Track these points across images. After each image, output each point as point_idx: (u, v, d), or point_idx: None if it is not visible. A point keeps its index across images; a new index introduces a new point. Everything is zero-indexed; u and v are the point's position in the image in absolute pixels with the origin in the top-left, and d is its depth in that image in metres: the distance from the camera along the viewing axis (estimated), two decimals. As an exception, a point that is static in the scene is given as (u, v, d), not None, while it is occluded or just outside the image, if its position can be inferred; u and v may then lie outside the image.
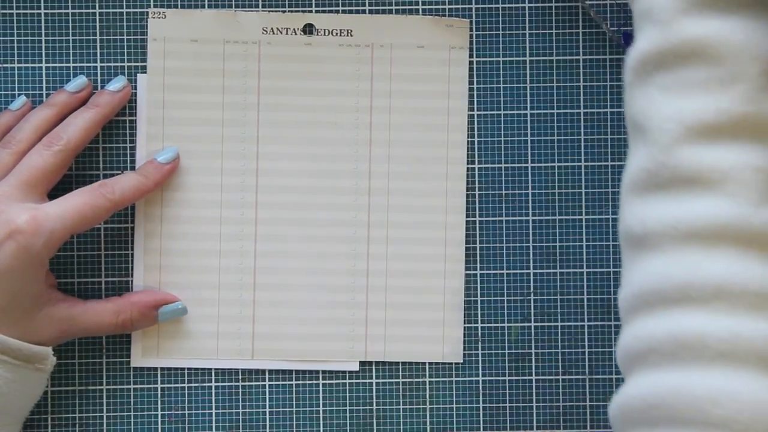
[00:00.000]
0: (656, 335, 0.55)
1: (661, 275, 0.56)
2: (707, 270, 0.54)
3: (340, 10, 0.78)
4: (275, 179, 0.78)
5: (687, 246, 0.55)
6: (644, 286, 0.56)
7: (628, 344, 0.57)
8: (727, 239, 0.54)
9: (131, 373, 0.78)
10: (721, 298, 0.54)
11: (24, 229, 0.70)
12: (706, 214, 0.55)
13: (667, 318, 0.55)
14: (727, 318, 0.54)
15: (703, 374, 0.53)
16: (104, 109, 0.76)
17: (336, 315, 0.78)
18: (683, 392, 0.53)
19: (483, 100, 0.79)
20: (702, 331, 0.54)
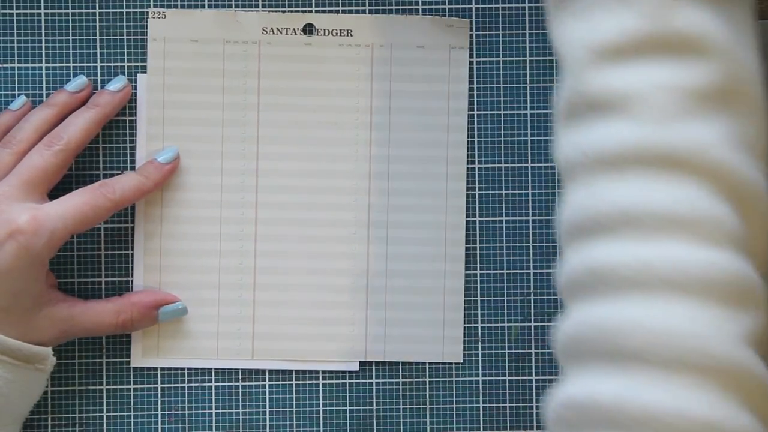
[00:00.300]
0: (577, 270, 0.54)
1: (577, 206, 0.55)
2: (614, 196, 0.53)
3: (340, 10, 0.78)
4: (275, 179, 0.78)
5: (596, 173, 0.54)
6: (566, 220, 0.56)
7: (560, 279, 0.56)
8: (631, 162, 0.53)
9: (131, 373, 0.78)
10: (629, 225, 0.53)
11: (25, 228, 0.70)
12: (611, 138, 0.54)
13: (585, 250, 0.54)
14: (635, 244, 0.53)
15: (617, 305, 0.52)
16: (104, 108, 0.76)
17: (336, 315, 0.78)
18: (600, 325, 0.52)
19: (483, 100, 0.79)
20: (612, 260, 0.53)
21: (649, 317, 0.51)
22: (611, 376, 0.52)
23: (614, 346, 0.52)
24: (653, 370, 0.51)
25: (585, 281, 0.54)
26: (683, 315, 0.51)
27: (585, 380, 0.53)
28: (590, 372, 0.53)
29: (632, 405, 0.51)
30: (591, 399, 0.52)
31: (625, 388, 0.51)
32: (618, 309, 0.52)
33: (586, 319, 0.53)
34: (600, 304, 0.53)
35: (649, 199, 0.53)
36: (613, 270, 0.53)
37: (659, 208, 0.53)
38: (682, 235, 0.52)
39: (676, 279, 0.52)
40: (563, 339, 0.55)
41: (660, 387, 0.51)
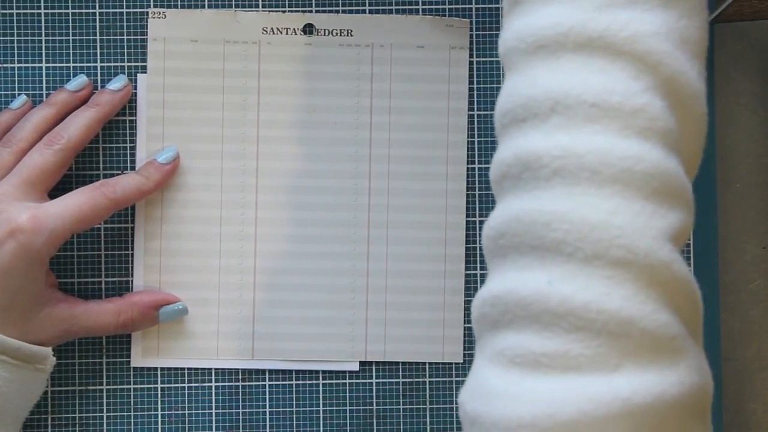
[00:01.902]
0: (506, 159, 0.53)
1: (511, 94, 0.54)
2: (547, 83, 0.52)
3: (340, 10, 0.78)
4: (275, 179, 0.78)
5: (533, 58, 0.53)
6: (500, 108, 0.54)
7: (491, 171, 0.55)
8: (567, 47, 0.52)
9: (131, 373, 0.78)
10: (558, 112, 0.51)
11: (25, 227, 0.70)
12: (549, 22, 0.52)
13: (515, 138, 0.53)
14: (562, 133, 0.51)
15: (539, 196, 0.51)
16: (105, 108, 0.76)
17: (336, 315, 0.78)
18: (523, 217, 0.51)
19: (483, 100, 0.79)
20: (539, 148, 0.51)
21: (571, 209, 0.50)
22: (532, 270, 0.51)
23: (536, 239, 0.51)
24: (573, 263, 0.50)
25: (512, 171, 0.53)
26: (605, 208, 0.50)
27: (507, 275, 0.52)
28: (512, 266, 0.52)
29: (550, 299, 0.50)
30: (511, 293, 0.51)
31: (544, 282, 0.50)
32: (541, 200, 0.51)
33: (510, 211, 0.52)
34: (525, 195, 0.52)
35: (581, 86, 0.51)
36: (538, 158, 0.51)
37: (590, 97, 0.51)
38: (611, 126, 0.51)
39: (601, 170, 0.50)
40: (489, 233, 0.54)
41: (578, 281, 0.50)
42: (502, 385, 0.50)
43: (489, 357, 0.52)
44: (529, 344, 0.50)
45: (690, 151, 0.54)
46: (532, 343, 0.50)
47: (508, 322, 0.51)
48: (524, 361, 0.50)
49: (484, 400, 0.51)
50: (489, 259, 0.54)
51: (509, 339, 0.51)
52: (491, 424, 0.50)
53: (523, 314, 0.50)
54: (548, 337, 0.50)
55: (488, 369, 0.51)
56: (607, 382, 0.49)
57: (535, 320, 0.50)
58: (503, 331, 0.51)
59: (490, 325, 0.52)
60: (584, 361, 0.49)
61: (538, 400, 0.49)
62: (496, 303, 0.52)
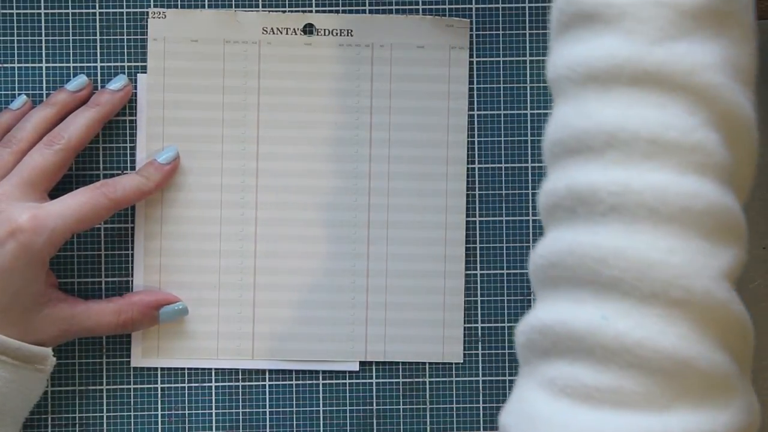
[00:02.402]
0: (558, 190, 0.53)
1: (563, 124, 0.53)
2: (601, 116, 0.51)
3: (340, 10, 0.78)
4: (275, 179, 0.78)
5: (585, 90, 0.52)
6: (551, 137, 0.54)
7: (540, 198, 0.54)
8: (621, 81, 0.51)
9: (131, 373, 0.78)
10: (614, 147, 0.51)
11: (25, 227, 0.70)
12: (602, 53, 0.52)
13: (567, 170, 0.52)
14: (619, 169, 0.51)
15: (595, 231, 0.51)
16: (105, 108, 0.76)
17: (336, 315, 0.78)
18: (577, 251, 0.51)
19: (483, 100, 0.79)
20: (595, 183, 0.51)
21: (628, 247, 0.50)
22: (586, 304, 0.51)
23: (591, 274, 0.51)
24: (629, 300, 0.50)
25: (565, 203, 0.52)
26: (663, 246, 0.50)
27: (559, 306, 0.52)
28: (564, 298, 0.52)
29: (604, 334, 0.50)
30: (563, 325, 0.51)
31: (599, 317, 0.50)
32: (597, 235, 0.51)
33: (563, 242, 0.52)
34: (579, 228, 0.52)
35: (636, 121, 0.51)
36: (594, 193, 0.51)
37: (647, 132, 0.51)
38: (669, 163, 0.51)
39: (659, 207, 0.50)
40: (539, 261, 0.53)
41: (634, 318, 0.49)
42: (549, 412, 0.50)
43: (537, 383, 0.52)
44: (580, 376, 0.50)
45: (743, 180, 0.54)
46: (584, 375, 0.50)
47: (560, 352, 0.51)
48: (575, 392, 0.50)
49: (529, 424, 0.51)
50: (537, 287, 0.54)
51: (560, 369, 0.51)
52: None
53: (575, 346, 0.50)
54: (601, 371, 0.50)
55: (536, 394, 0.51)
56: (659, 420, 0.49)
57: (588, 354, 0.50)
58: (554, 360, 0.51)
59: (540, 353, 0.52)
60: (636, 398, 0.49)
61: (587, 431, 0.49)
62: (547, 332, 0.52)
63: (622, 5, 0.52)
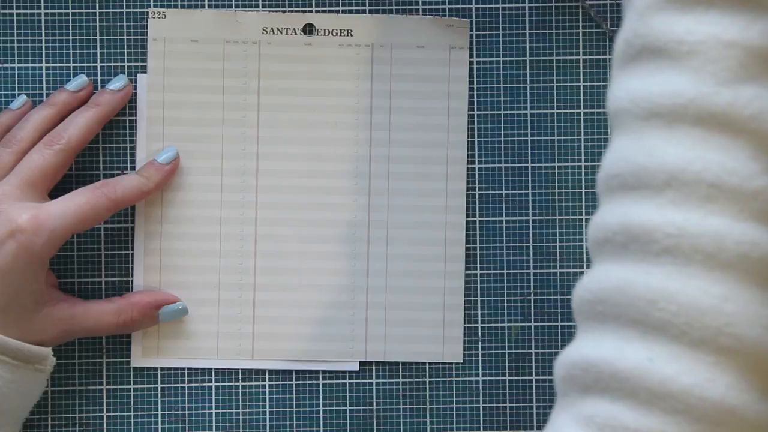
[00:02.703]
0: (611, 224, 0.52)
1: (621, 157, 0.52)
2: (662, 155, 0.50)
3: (340, 10, 0.78)
4: (275, 179, 0.78)
5: (647, 126, 0.51)
6: (607, 168, 0.53)
7: (591, 230, 0.54)
8: (686, 120, 0.50)
9: (131, 373, 0.78)
10: (674, 187, 0.50)
11: (25, 228, 0.70)
12: (668, 90, 0.51)
13: (622, 206, 0.52)
14: (676, 210, 0.50)
15: (647, 271, 0.50)
16: (105, 108, 0.76)
17: (336, 315, 0.78)
18: (626, 289, 0.50)
19: (483, 100, 0.79)
20: (650, 223, 0.50)
21: (680, 291, 0.49)
22: (632, 343, 0.50)
23: (640, 314, 0.50)
24: (678, 344, 0.49)
25: (618, 239, 0.51)
26: (717, 293, 0.49)
27: (604, 343, 0.51)
28: (610, 335, 0.51)
29: (650, 377, 0.49)
30: (607, 363, 0.50)
31: (645, 359, 0.50)
32: (649, 275, 0.50)
33: (613, 279, 0.51)
34: (631, 266, 0.51)
35: (699, 163, 0.50)
36: (649, 233, 0.50)
37: (709, 175, 0.50)
38: (729, 209, 0.50)
39: (716, 254, 0.49)
40: (585, 295, 0.53)
41: (682, 363, 0.49)
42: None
43: (575, 418, 0.51)
44: (622, 417, 0.50)
45: None
46: (626, 417, 0.50)
47: (602, 390, 0.51)
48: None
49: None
50: (581, 319, 0.53)
51: (600, 407, 0.50)
52: None
53: (618, 386, 0.50)
54: (644, 414, 0.49)
55: (573, 430, 0.51)
56: None
57: (631, 395, 0.50)
58: (594, 397, 0.51)
59: (580, 388, 0.52)
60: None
61: None
62: (590, 369, 0.51)
63: (693, 43, 0.51)
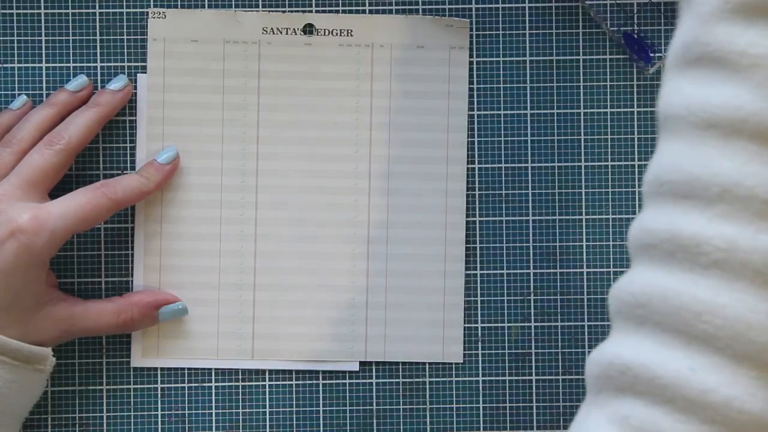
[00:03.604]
0: (659, 230, 0.52)
1: (674, 164, 0.52)
2: (717, 167, 0.50)
3: (340, 10, 0.78)
4: (275, 179, 0.78)
5: (703, 136, 0.51)
6: (658, 173, 0.53)
7: (635, 232, 0.54)
8: (744, 135, 0.50)
9: (131, 373, 0.78)
10: (726, 201, 0.50)
11: (26, 227, 0.70)
12: (727, 102, 0.50)
13: (672, 213, 0.52)
14: (727, 224, 0.50)
15: (694, 282, 0.50)
16: (105, 108, 0.76)
17: (336, 315, 0.78)
18: (671, 297, 0.51)
19: (483, 100, 0.79)
20: (700, 234, 0.50)
21: (727, 305, 0.49)
22: (673, 351, 0.50)
23: (684, 324, 0.50)
24: (721, 357, 0.49)
25: (665, 246, 0.51)
26: (763, 309, 0.49)
27: (643, 347, 0.51)
28: (650, 339, 0.51)
29: (690, 386, 0.49)
30: (645, 368, 0.51)
31: (686, 367, 0.50)
32: (696, 287, 0.50)
33: (657, 285, 0.51)
34: (677, 274, 0.51)
35: (754, 179, 0.50)
36: (699, 244, 0.50)
37: (763, 192, 0.49)
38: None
39: (765, 271, 0.49)
40: (625, 298, 0.53)
41: (724, 375, 0.49)
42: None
43: (609, 417, 0.52)
44: (658, 421, 0.50)
45: None
46: (662, 422, 0.50)
47: (639, 393, 0.51)
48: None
49: None
50: (618, 319, 0.53)
51: (636, 409, 0.51)
52: None
53: (657, 392, 0.50)
54: (681, 421, 0.50)
55: (606, 429, 0.51)
56: None
57: (669, 401, 0.50)
58: (630, 399, 0.51)
59: (615, 388, 0.52)
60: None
61: None
62: (627, 372, 0.51)
63: (756, 56, 0.50)
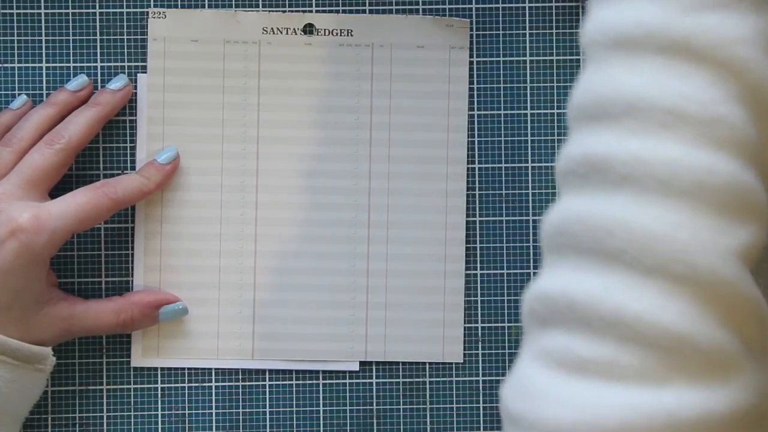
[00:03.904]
0: (574, 156, 0.52)
1: (586, 89, 0.52)
2: (621, 83, 0.50)
3: (340, 10, 0.78)
4: (275, 179, 0.78)
5: (610, 55, 0.51)
6: (575, 100, 0.53)
7: (557, 164, 0.53)
8: (648, 49, 0.50)
9: (131, 373, 0.78)
10: (632, 116, 0.50)
11: (26, 227, 0.70)
12: (632, 19, 0.50)
13: (586, 136, 0.51)
14: (634, 138, 0.50)
15: (605, 200, 0.50)
16: (105, 107, 0.76)
17: (336, 315, 0.78)
18: (585, 219, 0.50)
19: (483, 100, 0.79)
20: (609, 152, 0.50)
21: (634, 218, 0.49)
22: (588, 274, 0.50)
23: (596, 244, 0.50)
24: (632, 273, 0.49)
25: (580, 170, 0.51)
26: (670, 220, 0.49)
27: (561, 274, 0.51)
28: (568, 266, 0.51)
29: (604, 305, 0.49)
30: (564, 294, 0.50)
31: (600, 288, 0.49)
32: (606, 205, 0.50)
33: (573, 210, 0.51)
34: (590, 196, 0.51)
35: (657, 91, 0.49)
36: (608, 162, 0.50)
37: (666, 103, 0.49)
38: (686, 135, 0.49)
39: (670, 181, 0.49)
40: (548, 228, 0.52)
41: (634, 291, 0.49)
42: (545, 385, 0.50)
43: (535, 354, 0.51)
44: (577, 348, 0.49)
45: None
46: (581, 347, 0.49)
47: (558, 322, 0.50)
48: (570, 364, 0.49)
49: (525, 398, 0.50)
50: (545, 254, 0.53)
51: (557, 339, 0.50)
52: (530, 424, 0.49)
53: (573, 317, 0.50)
54: (598, 343, 0.49)
55: (533, 367, 0.51)
56: (653, 395, 0.48)
57: (585, 325, 0.49)
58: (552, 331, 0.51)
59: (539, 323, 0.51)
60: (631, 372, 0.48)
61: (581, 405, 0.48)
62: (547, 301, 0.51)
63: None
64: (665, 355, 0.48)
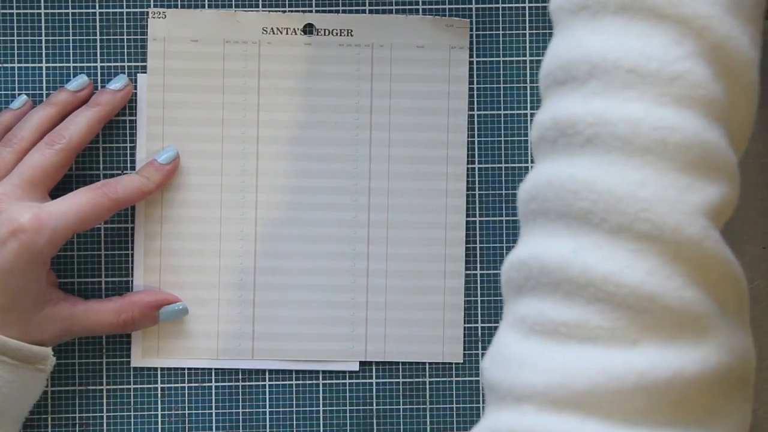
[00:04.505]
0: (545, 122, 0.52)
1: (554, 55, 0.52)
2: (585, 45, 0.50)
3: (340, 10, 0.78)
4: (275, 179, 0.78)
5: (575, 20, 0.51)
6: (543, 68, 0.53)
7: (531, 133, 0.53)
8: (609, 9, 0.50)
9: (131, 373, 0.78)
10: (596, 77, 0.50)
11: (27, 227, 0.70)
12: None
13: (554, 101, 0.51)
14: (597, 99, 0.50)
15: (572, 163, 0.50)
16: (106, 107, 0.76)
17: (336, 315, 0.78)
18: (554, 183, 0.50)
19: (483, 100, 0.79)
20: (575, 115, 0.50)
21: (600, 179, 0.49)
22: (559, 237, 0.50)
23: (565, 207, 0.50)
24: (599, 233, 0.49)
25: (549, 135, 0.51)
26: (634, 179, 0.49)
27: (533, 240, 0.51)
28: (541, 232, 0.51)
29: (573, 267, 0.49)
30: (536, 259, 0.50)
31: (569, 251, 0.49)
32: (573, 167, 0.50)
33: (542, 176, 0.51)
34: (558, 161, 0.51)
35: (619, 50, 0.50)
36: (574, 125, 0.50)
37: (628, 62, 0.49)
38: (647, 93, 0.49)
39: (633, 140, 0.49)
40: (522, 196, 0.53)
41: (603, 252, 0.49)
42: (519, 351, 0.50)
43: (510, 322, 0.51)
44: (549, 312, 0.49)
45: (738, 121, 0.52)
46: (552, 311, 0.49)
47: (531, 288, 0.50)
48: (543, 329, 0.49)
49: (502, 366, 0.50)
50: (521, 223, 0.53)
51: (531, 305, 0.50)
52: (506, 390, 0.49)
53: (545, 281, 0.50)
54: (568, 306, 0.49)
55: (509, 335, 0.51)
56: (624, 355, 0.48)
57: (556, 288, 0.49)
58: (525, 298, 0.51)
59: (514, 291, 0.51)
60: (602, 333, 0.48)
61: (553, 369, 0.48)
62: (521, 268, 0.51)
63: None
64: (635, 315, 0.48)
